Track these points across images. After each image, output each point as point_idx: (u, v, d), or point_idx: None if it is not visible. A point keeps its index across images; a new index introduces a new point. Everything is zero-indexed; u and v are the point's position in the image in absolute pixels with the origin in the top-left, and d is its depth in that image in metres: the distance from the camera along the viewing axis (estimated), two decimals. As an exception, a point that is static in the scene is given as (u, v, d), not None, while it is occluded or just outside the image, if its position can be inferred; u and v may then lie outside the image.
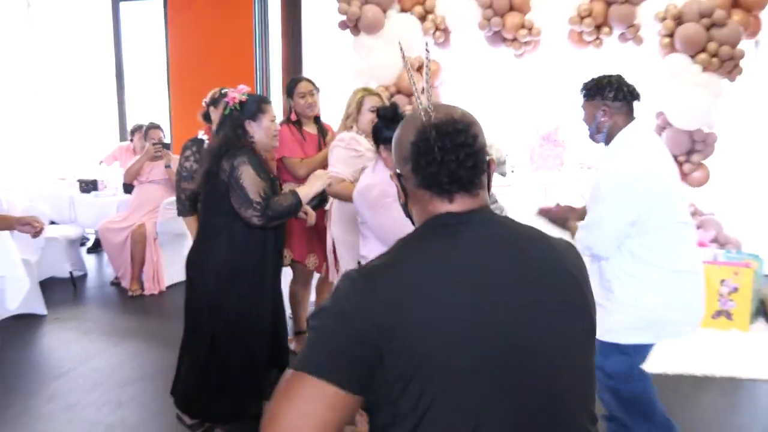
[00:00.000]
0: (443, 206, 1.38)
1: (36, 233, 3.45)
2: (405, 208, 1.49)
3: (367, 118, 3.86)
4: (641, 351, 2.81)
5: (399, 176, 1.45)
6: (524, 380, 1.27)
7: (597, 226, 2.70)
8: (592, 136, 2.91)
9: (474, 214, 1.38)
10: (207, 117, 3.96)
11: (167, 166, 5.74)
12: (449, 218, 1.37)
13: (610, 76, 2.84)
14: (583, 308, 1.39)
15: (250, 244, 3.11)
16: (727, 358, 4.32)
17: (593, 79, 2.85)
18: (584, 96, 2.86)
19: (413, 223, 1.48)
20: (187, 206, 3.98)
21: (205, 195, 3.17)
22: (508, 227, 1.40)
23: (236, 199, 3.01)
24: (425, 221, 1.40)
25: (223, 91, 3.77)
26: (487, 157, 1.42)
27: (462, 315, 1.26)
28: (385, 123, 2.99)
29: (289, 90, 4.28)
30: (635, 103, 2.84)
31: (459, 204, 1.37)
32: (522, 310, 1.29)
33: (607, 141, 2.85)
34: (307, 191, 3.19)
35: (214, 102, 3.89)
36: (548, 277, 1.35)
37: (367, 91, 4.05)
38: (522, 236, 1.39)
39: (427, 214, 1.40)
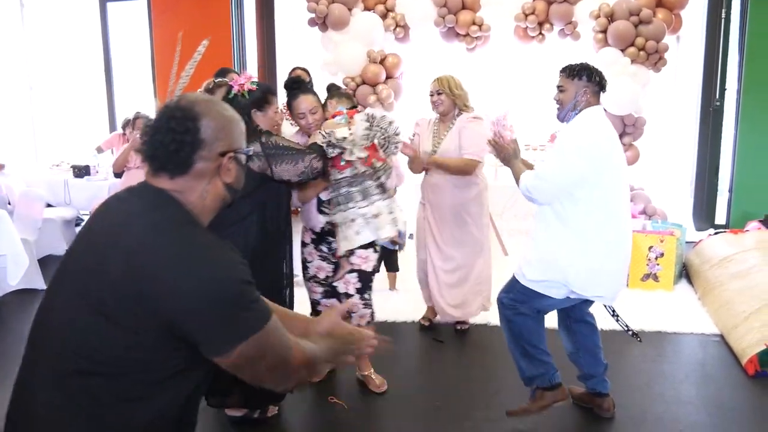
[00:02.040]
0: (150, 178, 1.40)
1: None
2: None
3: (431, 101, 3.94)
4: (538, 296, 2.86)
5: None
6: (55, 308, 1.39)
7: (545, 175, 2.73)
8: (564, 114, 2.83)
9: (153, 192, 1.38)
10: None
11: None
12: (142, 186, 1.41)
13: (591, 65, 2.83)
14: (102, 284, 1.31)
15: (279, 225, 2.91)
16: (655, 315, 4.37)
17: (579, 63, 2.83)
18: (569, 75, 2.80)
19: None
20: None
21: None
22: (152, 216, 1.35)
23: (288, 161, 2.74)
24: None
25: (216, 80, 3.54)
26: (223, 151, 1.38)
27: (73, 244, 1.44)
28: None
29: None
30: (602, 94, 2.85)
31: (160, 181, 1.38)
32: (77, 262, 1.39)
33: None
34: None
35: (208, 92, 3.66)
36: (105, 251, 1.33)
37: (434, 79, 3.97)
38: (147, 223, 1.34)
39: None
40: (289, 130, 4.69)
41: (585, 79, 2.77)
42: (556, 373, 2.99)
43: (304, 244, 3.31)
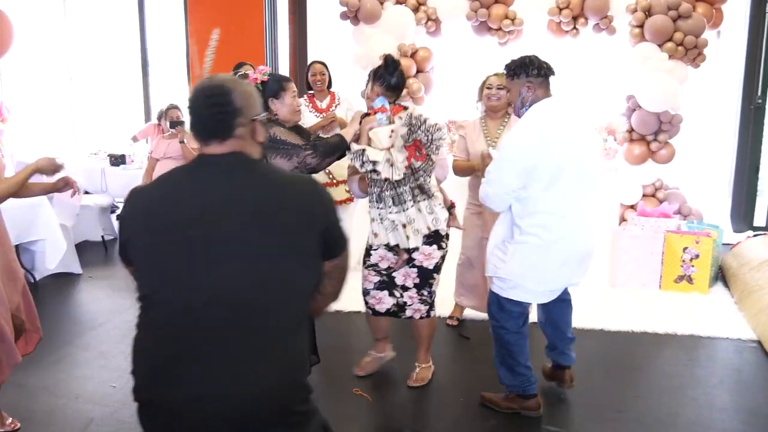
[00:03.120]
0: (204, 148, 1.63)
1: (74, 191, 3.00)
2: None
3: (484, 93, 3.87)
4: (509, 302, 2.89)
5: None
6: (202, 270, 1.51)
7: (491, 182, 2.79)
8: (517, 111, 2.86)
9: (217, 157, 1.61)
10: None
11: (181, 142, 5.59)
12: (201, 158, 1.64)
13: (530, 56, 2.83)
14: (281, 237, 1.55)
15: None
16: (688, 318, 4.23)
17: (515, 60, 2.82)
18: (509, 75, 2.82)
19: None
20: None
21: None
22: (240, 168, 1.61)
23: (282, 155, 2.79)
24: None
25: (237, 74, 3.58)
26: (253, 117, 1.64)
27: (164, 219, 1.57)
28: (386, 70, 3.05)
29: (234, 73, 4.29)
30: (551, 78, 2.83)
31: (213, 147, 1.61)
32: (206, 222, 1.53)
33: None
34: (347, 130, 3.03)
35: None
36: (245, 206, 1.55)
37: (497, 74, 3.85)
38: (250, 176, 1.61)
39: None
40: (311, 119, 4.67)
41: (524, 75, 2.77)
42: (532, 386, 3.00)
43: (375, 234, 3.19)
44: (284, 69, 6.64)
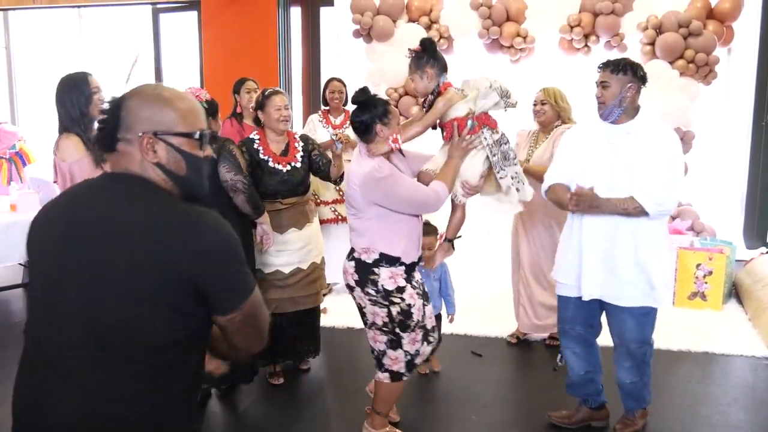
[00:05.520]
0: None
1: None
2: None
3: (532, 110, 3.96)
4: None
5: None
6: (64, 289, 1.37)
7: (670, 185, 2.67)
8: (609, 111, 2.70)
9: (105, 176, 1.47)
10: (257, 121, 3.66)
11: None
12: (102, 175, 1.50)
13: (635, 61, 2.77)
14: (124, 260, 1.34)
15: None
16: (702, 335, 4.22)
17: (622, 58, 2.75)
18: (613, 70, 2.68)
19: None
20: None
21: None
22: (121, 192, 1.41)
23: (233, 191, 3.22)
24: None
25: (266, 93, 3.54)
26: (143, 132, 1.40)
27: (44, 236, 1.44)
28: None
29: (236, 88, 4.36)
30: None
31: (108, 163, 1.46)
32: (68, 245, 1.37)
33: (618, 119, 2.71)
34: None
35: (260, 106, 3.60)
36: (96, 231, 1.37)
37: (540, 89, 3.93)
38: (127, 201, 1.40)
39: None
40: (323, 134, 4.72)
41: (630, 74, 2.68)
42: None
43: (394, 290, 2.72)
44: (297, 85, 6.72)
